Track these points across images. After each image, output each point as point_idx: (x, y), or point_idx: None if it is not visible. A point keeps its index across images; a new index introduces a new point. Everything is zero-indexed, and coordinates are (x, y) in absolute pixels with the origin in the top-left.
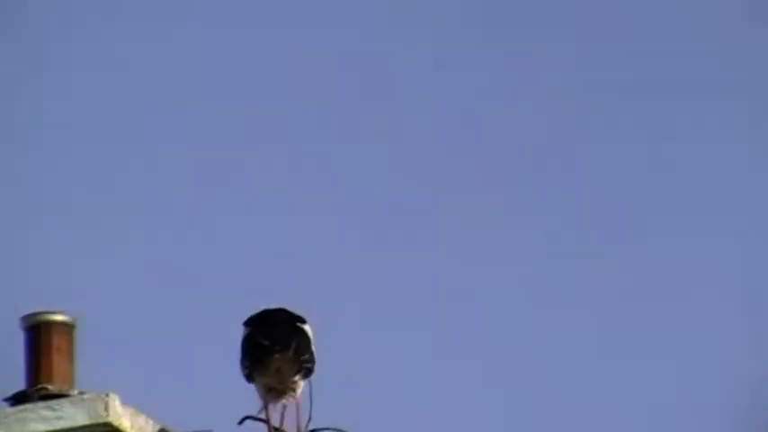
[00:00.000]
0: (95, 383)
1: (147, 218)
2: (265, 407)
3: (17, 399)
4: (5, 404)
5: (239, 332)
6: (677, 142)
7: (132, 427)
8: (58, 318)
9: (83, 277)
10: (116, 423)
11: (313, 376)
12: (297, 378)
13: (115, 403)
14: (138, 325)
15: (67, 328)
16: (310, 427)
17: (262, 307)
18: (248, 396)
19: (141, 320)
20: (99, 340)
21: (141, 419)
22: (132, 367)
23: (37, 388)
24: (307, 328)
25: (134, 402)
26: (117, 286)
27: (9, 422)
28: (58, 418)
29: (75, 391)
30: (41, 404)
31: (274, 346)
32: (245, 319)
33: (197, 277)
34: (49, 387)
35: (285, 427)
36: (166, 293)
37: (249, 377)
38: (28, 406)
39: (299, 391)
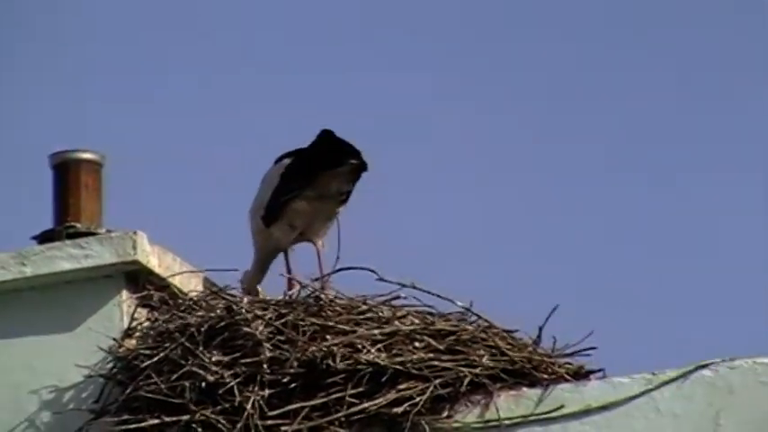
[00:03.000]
0: (123, 222)
1: (178, 61)
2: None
3: (45, 237)
4: (33, 242)
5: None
6: None
7: (160, 266)
8: (86, 156)
9: (112, 116)
10: (144, 261)
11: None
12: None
13: (143, 242)
14: (166, 165)
15: (95, 166)
16: (337, 266)
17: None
18: None
19: (170, 160)
20: (127, 179)
21: (169, 258)
22: (161, 207)
23: (65, 226)
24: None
25: (161, 241)
26: (146, 125)
27: (37, 260)
28: (86, 256)
29: (103, 230)
30: (69, 242)
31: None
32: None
33: (227, 117)
34: (77, 225)
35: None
36: (197, 134)
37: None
38: (56, 244)
39: (338, 215)
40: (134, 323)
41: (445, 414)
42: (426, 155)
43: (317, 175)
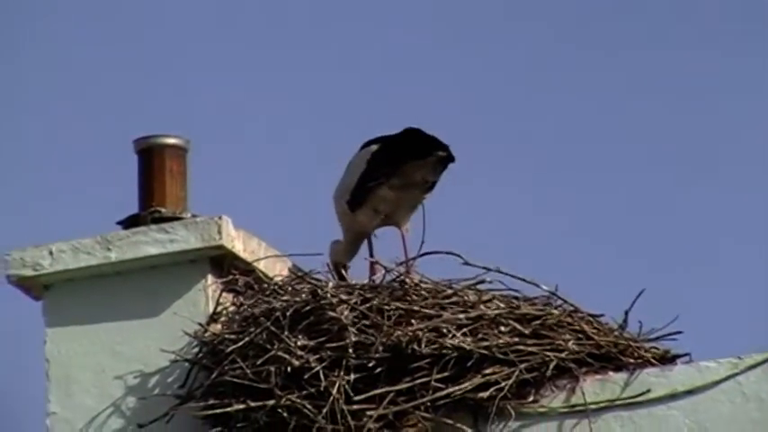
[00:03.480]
0: (208, 207)
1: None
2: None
3: (130, 222)
4: (119, 227)
5: (348, 158)
6: None
7: (245, 251)
8: (171, 141)
9: (196, 101)
10: (229, 246)
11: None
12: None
13: (228, 226)
14: (251, 149)
15: (180, 151)
16: (422, 250)
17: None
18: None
19: (254, 144)
20: (212, 164)
21: (254, 243)
22: (245, 191)
23: (150, 211)
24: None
25: (246, 226)
26: (230, 110)
27: (122, 245)
28: (171, 240)
29: (188, 214)
30: (154, 227)
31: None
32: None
33: (311, 100)
34: (162, 210)
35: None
36: (281, 118)
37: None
38: (141, 229)
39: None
40: (219, 308)
41: (531, 398)
42: (513, 141)
43: (403, 164)
